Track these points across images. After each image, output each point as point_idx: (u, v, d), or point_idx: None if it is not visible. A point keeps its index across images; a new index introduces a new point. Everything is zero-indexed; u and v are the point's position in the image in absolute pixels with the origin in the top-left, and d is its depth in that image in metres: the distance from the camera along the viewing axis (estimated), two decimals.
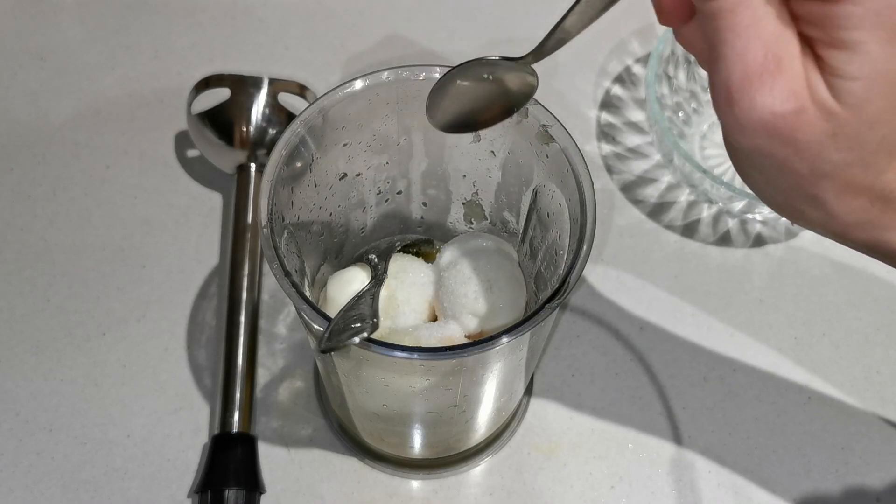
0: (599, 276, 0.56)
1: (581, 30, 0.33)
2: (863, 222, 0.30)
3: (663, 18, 0.30)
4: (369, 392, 0.41)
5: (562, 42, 0.33)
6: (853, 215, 0.30)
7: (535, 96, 0.39)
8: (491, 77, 0.36)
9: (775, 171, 0.29)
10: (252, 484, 0.47)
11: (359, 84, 0.40)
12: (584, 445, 0.50)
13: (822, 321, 0.55)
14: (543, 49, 0.33)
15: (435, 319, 0.44)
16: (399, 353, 0.35)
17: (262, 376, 0.52)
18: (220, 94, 0.55)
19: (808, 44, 0.27)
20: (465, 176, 0.46)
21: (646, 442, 0.51)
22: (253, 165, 0.55)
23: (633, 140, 0.61)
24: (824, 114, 0.27)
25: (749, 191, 0.55)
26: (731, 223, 0.58)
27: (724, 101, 0.28)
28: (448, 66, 0.37)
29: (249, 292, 0.52)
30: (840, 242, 0.32)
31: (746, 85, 0.27)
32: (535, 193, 0.42)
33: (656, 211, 0.58)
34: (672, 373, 0.53)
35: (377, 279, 0.43)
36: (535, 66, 0.35)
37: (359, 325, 0.36)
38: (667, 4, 0.30)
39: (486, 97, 0.37)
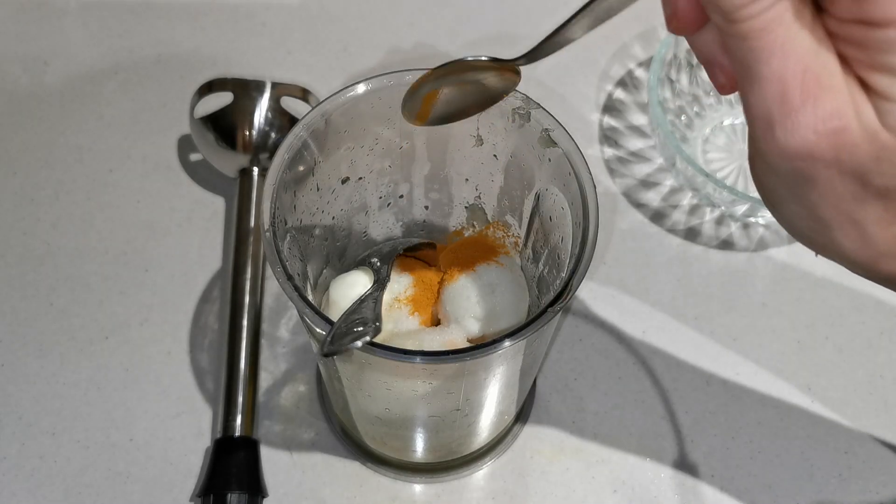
0: (602, 279, 0.56)
1: (581, 35, 0.32)
2: None
3: (675, 25, 0.29)
4: (372, 396, 0.41)
5: (558, 46, 0.32)
6: (889, 243, 0.28)
7: (538, 100, 0.39)
8: (471, 79, 0.35)
9: (812, 195, 0.28)
10: (254, 488, 0.47)
11: (361, 88, 0.40)
12: (587, 449, 0.50)
13: (824, 325, 0.55)
14: (539, 52, 0.33)
15: (437, 323, 0.44)
16: (402, 357, 0.35)
17: (265, 380, 0.52)
18: (223, 98, 0.55)
19: (847, 62, 0.26)
20: (467, 180, 0.46)
21: (648, 445, 0.51)
22: (255, 169, 0.55)
23: (635, 144, 0.61)
24: (869, 135, 0.26)
25: (751, 194, 0.55)
26: (734, 227, 0.58)
27: (762, 122, 0.26)
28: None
29: (252, 296, 0.52)
30: (863, 274, 0.30)
31: (787, 105, 0.26)
32: (537, 197, 0.42)
33: (659, 215, 0.58)
34: (675, 376, 0.53)
35: (380, 283, 0.43)
36: (534, 65, 0.35)
37: (361, 328, 0.36)
38: (683, 10, 0.28)
39: (465, 95, 0.36)
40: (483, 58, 0.34)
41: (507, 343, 0.35)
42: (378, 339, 0.36)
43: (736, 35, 0.26)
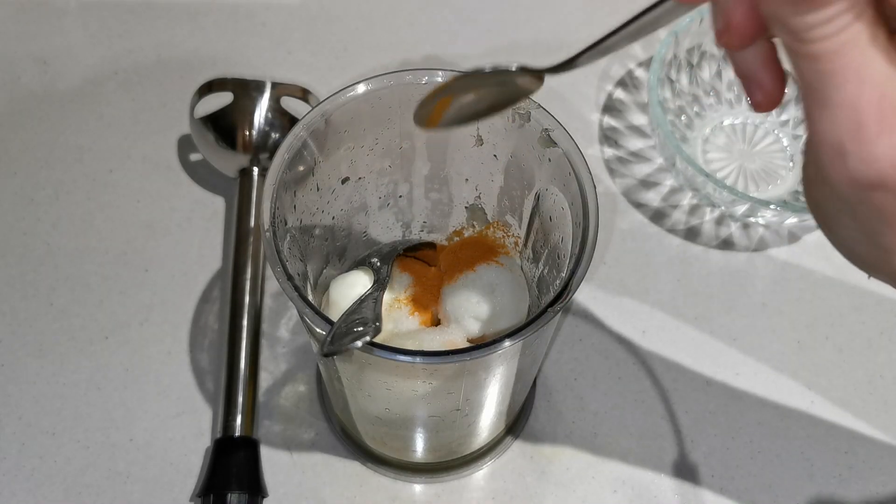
0: (602, 279, 0.56)
1: (621, 48, 0.30)
2: None
3: (726, 40, 0.27)
4: (371, 396, 0.41)
5: (596, 57, 0.30)
6: None
7: (537, 100, 0.39)
8: (490, 84, 0.33)
9: (877, 222, 0.27)
10: (254, 488, 0.47)
11: (361, 88, 0.40)
12: (587, 449, 0.50)
13: (824, 325, 0.55)
14: (575, 62, 0.30)
15: (437, 323, 0.44)
16: (402, 357, 0.35)
17: (265, 380, 0.52)
18: (223, 98, 0.55)
19: None
20: (467, 180, 0.46)
21: (648, 446, 0.51)
22: (255, 169, 0.55)
23: (635, 144, 0.61)
24: None
25: (751, 194, 0.55)
26: (734, 227, 0.58)
27: (831, 149, 0.25)
28: (450, 70, 0.36)
29: (252, 296, 0.52)
30: None
31: (862, 134, 0.24)
32: (537, 197, 0.42)
33: (659, 215, 0.58)
34: (674, 376, 0.53)
35: (380, 283, 0.43)
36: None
37: (361, 328, 0.36)
38: (738, 25, 0.26)
39: (479, 100, 0.34)
40: (511, 67, 0.32)
41: (507, 343, 0.35)
42: (378, 339, 0.36)
43: (806, 56, 0.25)
